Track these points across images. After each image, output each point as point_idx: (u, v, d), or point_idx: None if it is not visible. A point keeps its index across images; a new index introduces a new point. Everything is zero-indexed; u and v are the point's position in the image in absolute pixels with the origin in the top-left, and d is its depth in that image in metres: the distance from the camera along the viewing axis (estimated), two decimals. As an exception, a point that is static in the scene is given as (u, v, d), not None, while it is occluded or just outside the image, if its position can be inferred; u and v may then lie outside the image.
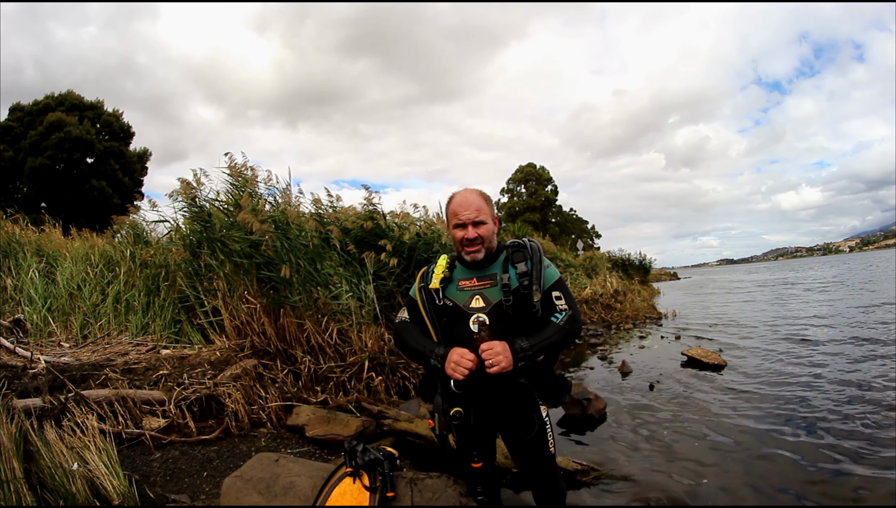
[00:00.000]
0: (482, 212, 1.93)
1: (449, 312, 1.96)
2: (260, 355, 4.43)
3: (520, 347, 1.82)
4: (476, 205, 1.93)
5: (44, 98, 23.56)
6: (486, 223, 1.93)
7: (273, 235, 4.50)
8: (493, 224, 1.97)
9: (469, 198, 1.95)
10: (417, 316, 2.05)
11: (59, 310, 5.88)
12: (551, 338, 1.88)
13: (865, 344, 7.07)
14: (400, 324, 2.12)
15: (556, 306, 1.93)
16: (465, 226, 1.92)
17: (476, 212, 1.91)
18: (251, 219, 4.35)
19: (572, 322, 1.92)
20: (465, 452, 2.06)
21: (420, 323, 2.04)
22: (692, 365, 6.73)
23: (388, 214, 6.97)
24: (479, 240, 1.92)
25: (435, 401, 1.94)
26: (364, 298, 5.16)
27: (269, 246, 4.47)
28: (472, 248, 1.93)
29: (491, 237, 1.95)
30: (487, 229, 1.93)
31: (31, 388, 3.54)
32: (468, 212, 1.91)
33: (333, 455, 3.45)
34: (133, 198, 22.29)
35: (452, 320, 1.95)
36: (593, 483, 3.31)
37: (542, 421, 2.02)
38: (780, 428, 4.10)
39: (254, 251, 4.52)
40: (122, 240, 7.27)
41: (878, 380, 5.16)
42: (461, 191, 2.01)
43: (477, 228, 1.91)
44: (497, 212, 2.18)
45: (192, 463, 3.19)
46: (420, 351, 1.96)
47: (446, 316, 1.96)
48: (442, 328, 1.97)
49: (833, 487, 3.06)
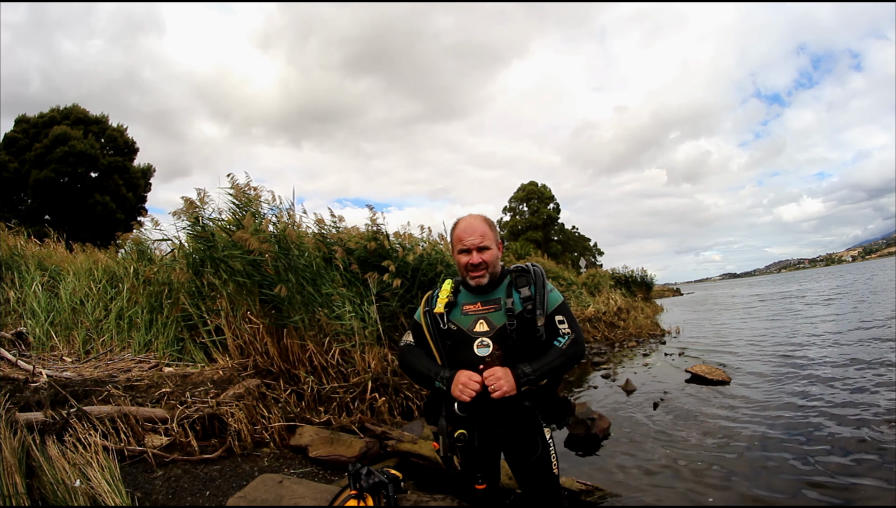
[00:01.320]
0: (486, 237, 1.96)
1: (453, 336, 1.98)
2: (263, 374, 4.42)
3: (522, 372, 1.84)
4: (480, 230, 1.97)
5: (49, 111, 23.78)
6: (490, 248, 1.96)
7: (273, 254, 4.52)
8: (497, 249, 2.01)
9: (473, 223, 1.99)
10: (422, 340, 2.08)
11: (61, 325, 5.87)
12: (554, 362, 1.90)
13: (869, 358, 7.01)
14: (405, 348, 2.14)
15: (560, 330, 1.95)
16: (469, 252, 1.96)
17: (480, 238, 1.95)
18: (249, 237, 4.38)
19: (575, 345, 1.94)
20: (469, 474, 2.06)
21: (425, 347, 2.07)
22: (696, 381, 6.71)
23: (391, 235, 6.98)
24: (484, 265, 1.95)
25: (439, 424, 1.95)
26: (367, 319, 5.16)
27: (270, 265, 4.48)
28: (477, 273, 1.96)
29: (495, 262, 1.99)
30: (491, 254, 1.97)
31: (32, 402, 3.52)
32: (472, 238, 1.95)
33: (337, 476, 3.43)
34: (136, 214, 22.38)
35: (457, 344, 1.97)
36: (598, 503, 3.29)
37: (545, 442, 2.02)
38: (786, 445, 4.07)
39: (254, 270, 4.53)
40: (126, 256, 7.29)
41: (883, 392, 5.12)
42: (465, 216, 2.05)
43: (481, 254, 1.95)
44: (500, 230, 2.20)
45: (194, 482, 3.17)
46: (425, 374, 1.98)
47: (451, 340, 1.98)
48: (446, 352, 1.99)
49: (841, 503, 3.02)
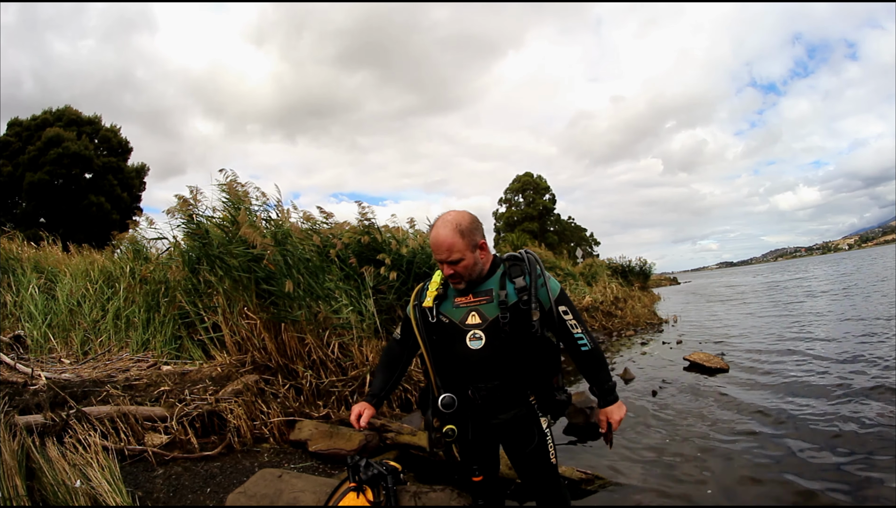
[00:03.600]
0: (454, 250, 1.87)
1: (445, 329, 1.96)
2: (261, 370, 4.42)
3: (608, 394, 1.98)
4: (446, 245, 1.88)
5: (42, 113, 23.63)
6: (462, 259, 1.89)
7: (274, 250, 4.51)
8: (475, 251, 1.92)
9: (440, 237, 1.90)
10: (409, 334, 2.08)
11: (59, 327, 5.85)
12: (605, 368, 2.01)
13: (870, 343, 7.06)
14: (386, 346, 2.20)
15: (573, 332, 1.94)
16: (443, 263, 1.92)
17: (447, 253, 1.88)
18: (253, 234, 4.37)
19: (597, 343, 2.00)
20: (467, 466, 2.07)
21: (412, 340, 2.07)
22: (695, 369, 6.74)
23: (382, 228, 7.01)
24: (457, 275, 1.92)
25: (425, 418, 1.97)
26: (364, 312, 5.17)
27: (271, 260, 4.48)
28: (454, 281, 1.95)
29: (471, 267, 1.92)
30: (464, 264, 1.90)
31: (32, 405, 3.52)
32: (440, 254, 1.90)
33: (337, 470, 3.44)
34: (132, 214, 22.33)
35: (449, 337, 1.95)
36: (598, 491, 3.32)
37: (542, 432, 2.02)
38: (785, 432, 4.09)
39: (255, 265, 4.52)
40: (122, 255, 7.26)
41: (884, 380, 5.13)
42: (437, 225, 1.95)
43: (453, 266, 1.90)
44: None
45: (194, 479, 3.18)
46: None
47: (441, 333, 1.97)
48: (435, 345, 1.98)
49: (840, 492, 3.04)
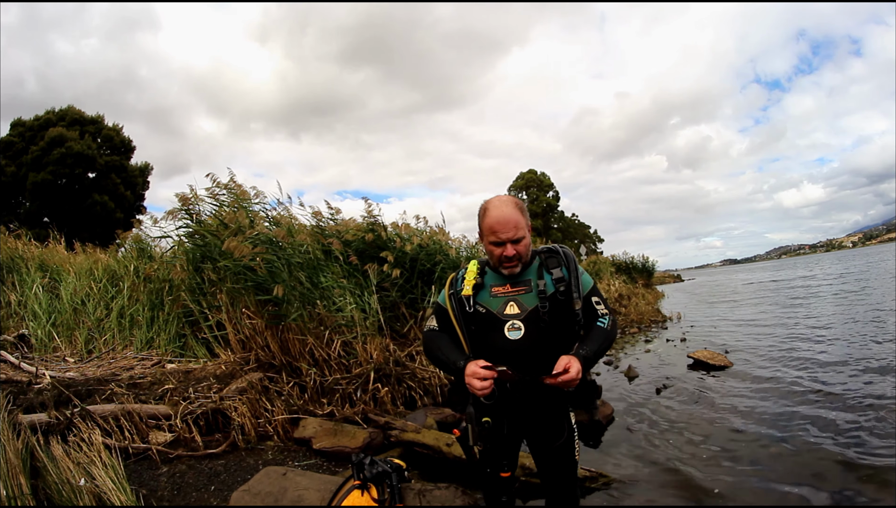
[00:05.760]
0: (520, 228, 1.85)
1: (482, 319, 1.91)
2: (265, 368, 4.43)
3: (584, 357, 1.78)
4: (514, 221, 1.83)
5: (45, 113, 23.75)
6: (524, 238, 1.86)
7: (264, 257, 4.47)
8: (529, 233, 1.90)
9: (507, 214, 1.84)
10: (447, 324, 1.99)
11: (63, 325, 5.87)
12: (603, 344, 1.86)
13: (874, 341, 7.02)
14: (428, 334, 2.05)
15: (598, 310, 1.91)
16: (503, 244, 1.86)
17: (514, 230, 1.83)
18: (237, 246, 4.29)
19: (616, 325, 1.95)
20: (494, 461, 1.99)
21: (450, 331, 1.98)
22: (699, 367, 6.71)
23: (389, 225, 6.97)
24: (518, 256, 1.87)
25: (467, 411, 1.88)
26: (368, 309, 5.16)
27: (262, 266, 4.43)
28: (510, 264, 1.88)
29: (528, 250, 1.90)
30: (525, 244, 1.87)
31: (36, 403, 3.53)
32: (507, 233, 1.84)
33: (341, 468, 3.44)
34: (135, 213, 22.36)
35: (487, 327, 1.90)
36: (602, 489, 3.30)
37: (571, 427, 1.98)
38: (790, 429, 4.07)
39: (248, 273, 4.49)
40: (126, 254, 7.28)
41: (889, 378, 5.10)
42: (497, 204, 1.89)
43: (516, 246, 1.85)
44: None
45: (199, 477, 3.19)
46: (445, 362, 1.91)
47: (479, 323, 1.91)
48: (473, 335, 1.92)
49: (844, 492, 3.02)
